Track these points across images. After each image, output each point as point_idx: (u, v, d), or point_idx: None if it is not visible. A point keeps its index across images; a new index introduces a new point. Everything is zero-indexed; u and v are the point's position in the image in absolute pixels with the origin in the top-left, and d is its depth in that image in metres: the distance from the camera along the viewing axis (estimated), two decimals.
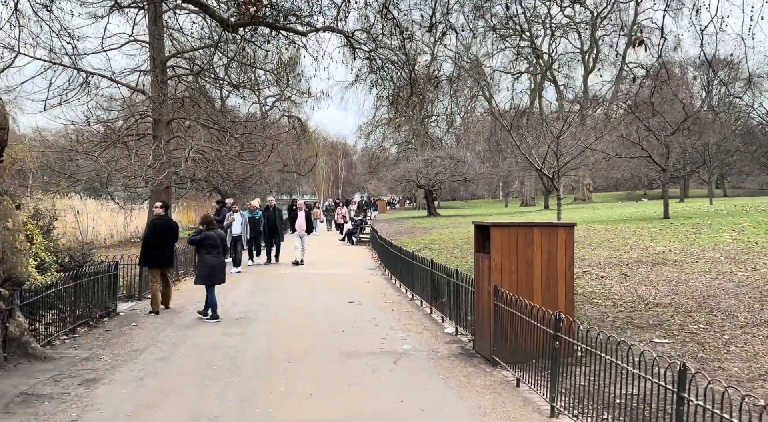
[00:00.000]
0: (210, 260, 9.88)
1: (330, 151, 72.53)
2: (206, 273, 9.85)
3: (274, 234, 16.36)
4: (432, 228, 28.19)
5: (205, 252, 9.97)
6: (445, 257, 16.87)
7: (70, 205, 29.61)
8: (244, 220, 14.79)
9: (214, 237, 10.02)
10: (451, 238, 21.14)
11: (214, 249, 9.96)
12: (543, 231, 7.08)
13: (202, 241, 10.00)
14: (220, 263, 10.02)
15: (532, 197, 58.14)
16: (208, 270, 9.85)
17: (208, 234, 10.03)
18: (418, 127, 60.08)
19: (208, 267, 9.85)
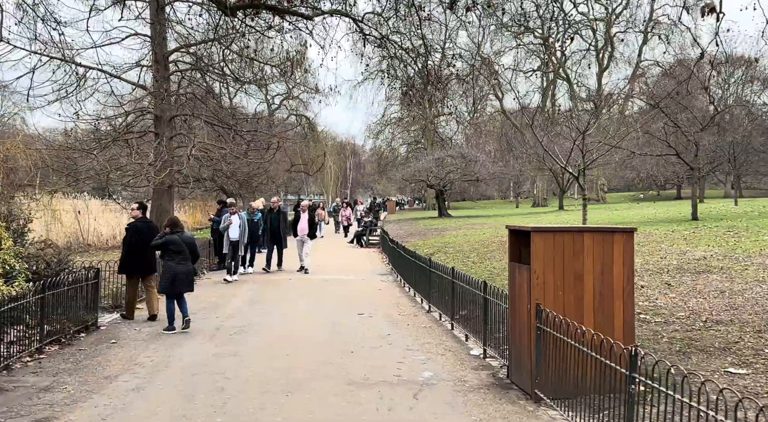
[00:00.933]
0: (173, 266, 8.86)
1: (338, 150, 71.35)
2: (169, 281, 8.84)
3: (276, 239, 14.82)
4: (444, 230, 26.89)
5: (168, 258, 8.95)
6: (461, 261, 15.59)
7: (72, 205, 28.67)
8: (243, 223, 13.36)
9: (177, 241, 8.96)
10: (466, 241, 19.83)
11: (178, 255, 8.93)
12: (596, 238, 5.78)
13: (165, 245, 8.98)
14: (185, 270, 8.97)
15: (544, 197, 56.69)
16: (171, 278, 8.82)
17: (171, 238, 8.98)
18: (428, 125, 58.79)
19: (171, 274, 8.83)
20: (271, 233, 14.77)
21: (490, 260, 15.18)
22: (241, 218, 13.44)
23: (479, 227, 26.65)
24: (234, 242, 13.22)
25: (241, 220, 13.37)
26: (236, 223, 13.24)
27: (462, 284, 8.39)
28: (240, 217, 13.47)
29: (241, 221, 13.34)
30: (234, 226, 13.19)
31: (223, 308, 10.42)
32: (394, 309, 10.46)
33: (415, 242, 21.48)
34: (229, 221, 13.21)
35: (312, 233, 14.68)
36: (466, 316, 8.27)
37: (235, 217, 13.35)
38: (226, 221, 13.23)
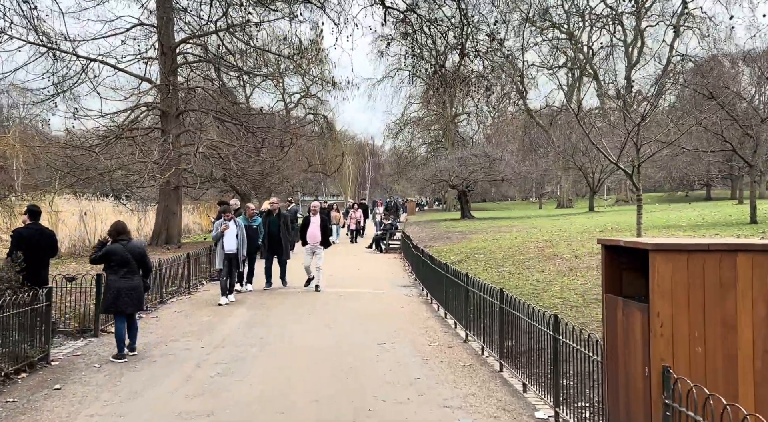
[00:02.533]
0: (115, 281, 7.23)
1: (357, 150, 69.39)
2: (111, 299, 7.20)
3: (276, 249, 12.17)
4: (470, 233, 24.67)
5: (111, 272, 7.27)
6: (495, 271, 13.42)
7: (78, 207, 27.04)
8: (240, 231, 10.76)
9: (121, 252, 7.25)
10: (497, 246, 17.63)
11: (121, 268, 7.24)
12: (757, 261, 3.60)
13: (106, 258, 7.27)
14: (130, 285, 7.27)
15: (569, 198, 54.06)
16: (114, 294, 7.19)
17: (112, 248, 7.26)
18: (448, 125, 56.58)
19: (113, 291, 7.20)
20: (269, 241, 12.11)
21: (529, 270, 12.99)
22: (239, 225, 10.78)
23: (507, 231, 24.39)
24: (230, 255, 10.60)
25: (239, 228, 10.73)
26: (232, 231, 10.59)
27: (519, 315, 6.24)
28: (237, 224, 10.80)
29: (238, 228, 10.70)
30: (230, 234, 10.55)
31: (212, 334, 8.40)
32: (423, 336, 8.35)
33: (439, 247, 19.34)
34: (223, 226, 10.57)
35: (326, 240, 12.13)
36: (522, 353, 6.13)
37: (231, 223, 10.69)
38: (219, 228, 10.61)
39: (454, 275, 8.92)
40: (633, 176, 13.40)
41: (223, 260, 10.60)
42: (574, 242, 16.59)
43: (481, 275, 13.15)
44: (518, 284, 11.41)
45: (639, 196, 13.67)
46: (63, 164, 20.73)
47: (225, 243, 10.60)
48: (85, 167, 20.31)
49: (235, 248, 10.69)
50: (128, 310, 7.26)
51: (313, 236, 12.02)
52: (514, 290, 10.89)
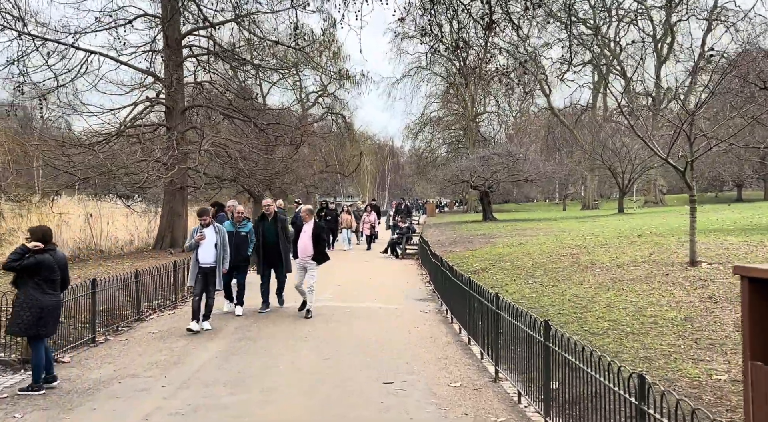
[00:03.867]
0: (41, 299, 5.75)
1: (376, 151, 67.71)
2: (33, 318, 5.70)
3: (273, 262, 9.88)
4: (493, 237, 22.80)
5: (34, 287, 5.73)
6: (524, 281, 11.59)
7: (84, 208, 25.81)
8: (221, 239, 8.59)
9: (51, 264, 5.80)
10: (524, 252, 15.76)
11: (48, 282, 5.77)
12: None
13: (36, 267, 5.72)
14: (55, 303, 5.86)
15: (594, 199, 51.66)
16: (37, 314, 5.71)
17: (42, 259, 5.75)
18: (469, 124, 54.63)
19: (36, 309, 5.71)
20: (264, 252, 9.80)
21: (565, 282, 11.13)
22: (219, 233, 8.62)
23: (533, 234, 22.47)
24: (206, 270, 8.46)
25: (219, 236, 8.58)
26: (210, 239, 8.49)
27: (578, 363, 4.42)
28: (217, 230, 8.64)
29: (218, 236, 8.56)
30: (207, 244, 8.45)
31: (181, 366, 6.75)
32: (441, 371, 6.59)
33: (460, 253, 17.54)
34: (198, 235, 8.44)
35: (319, 254, 9.55)
36: (575, 402, 4.35)
37: (209, 231, 8.56)
38: (194, 236, 8.50)
39: (481, 293, 7.13)
40: (686, 173, 11.44)
41: (196, 275, 8.48)
42: (612, 248, 14.65)
43: (509, 286, 11.35)
44: (554, 301, 9.57)
45: (693, 196, 11.71)
46: (62, 164, 19.43)
47: (200, 255, 8.46)
48: (83, 167, 18.94)
49: (212, 261, 8.49)
50: (50, 333, 5.87)
51: (303, 249, 9.54)
52: (550, 308, 9.07)
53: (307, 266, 9.57)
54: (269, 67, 21.54)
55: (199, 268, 8.53)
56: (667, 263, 11.82)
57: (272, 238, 9.83)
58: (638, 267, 11.73)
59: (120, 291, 9.31)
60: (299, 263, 9.67)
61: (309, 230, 9.62)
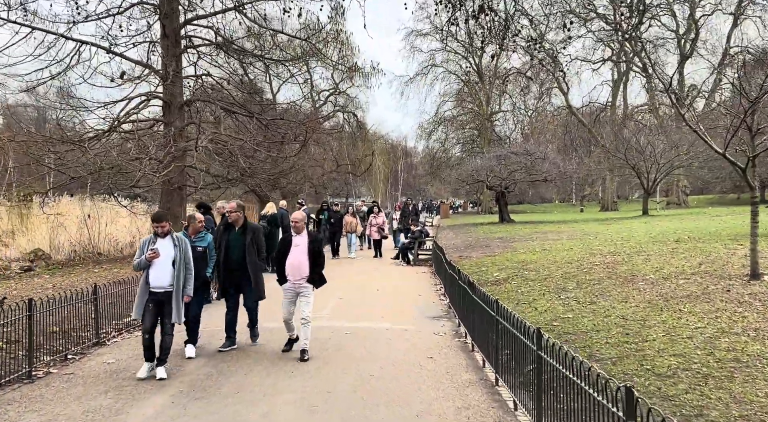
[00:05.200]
0: None
1: (388, 150, 65.97)
2: None
3: (240, 284, 7.45)
4: (512, 240, 21.00)
5: None
6: (555, 295, 9.82)
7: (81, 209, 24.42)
8: (181, 254, 6.27)
9: None
10: (551, 260, 13.95)
11: None
12: None
13: None
14: None
15: (614, 200, 49.47)
16: None
17: None
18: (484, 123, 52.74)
19: None
20: (227, 272, 7.38)
21: (604, 298, 9.34)
22: (180, 245, 6.30)
23: (555, 237, 20.64)
24: (159, 296, 6.17)
25: (179, 249, 6.27)
26: (166, 254, 6.19)
27: None
28: (177, 243, 6.29)
29: (178, 250, 6.25)
30: (162, 262, 6.17)
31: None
32: None
33: (478, 259, 15.79)
34: (150, 254, 6.12)
35: (316, 274, 7.13)
36: None
37: (166, 243, 6.24)
38: (145, 251, 6.18)
39: (515, 324, 5.38)
40: (747, 170, 9.59)
41: (146, 304, 6.10)
42: (652, 255, 12.81)
43: (538, 302, 9.60)
44: (597, 324, 7.80)
45: (755, 198, 9.85)
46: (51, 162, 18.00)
47: (151, 276, 6.14)
48: (73, 165, 17.47)
49: (167, 284, 6.13)
50: None
51: (296, 268, 6.99)
52: (594, 334, 7.31)
53: (301, 290, 7.09)
54: (273, 59, 19.88)
55: (149, 293, 6.14)
56: (723, 276, 9.99)
57: (238, 253, 7.33)
58: (689, 280, 9.92)
59: (82, 306, 7.70)
60: (289, 289, 7.10)
61: (304, 244, 7.07)
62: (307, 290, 7.13)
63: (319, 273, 7.19)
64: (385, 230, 18.39)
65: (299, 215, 7.31)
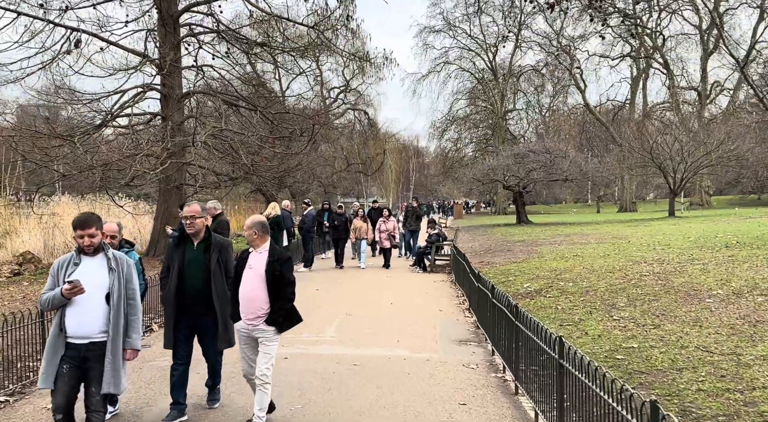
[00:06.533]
0: None
1: (400, 149, 64.18)
2: None
3: (200, 324, 4.95)
4: (534, 244, 19.19)
5: None
6: (606, 316, 8.03)
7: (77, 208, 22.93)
8: (120, 280, 3.84)
9: None
10: (587, 268, 12.13)
11: None
12: None
13: None
14: None
15: (632, 201, 47.34)
16: None
17: None
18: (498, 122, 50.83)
19: None
20: (180, 306, 4.87)
21: (669, 319, 7.54)
22: (119, 267, 3.85)
23: (583, 242, 18.80)
24: (83, 352, 3.74)
25: (116, 274, 3.82)
26: (97, 284, 3.76)
27: None
28: (114, 264, 3.84)
29: (113, 276, 3.81)
30: (89, 297, 3.72)
31: None
32: None
33: (503, 266, 14.00)
34: (67, 287, 3.63)
35: (280, 312, 4.62)
36: None
37: (95, 264, 3.82)
38: (60, 280, 3.74)
39: (604, 387, 3.60)
40: None
41: (60, 364, 3.73)
42: (709, 265, 10.95)
43: (587, 323, 7.82)
44: (674, 358, 6.01)
45: None
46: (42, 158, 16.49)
47: (68, 319, 3.74)
48: (61, 161, 15.94)
49: (96, 331, 3.77)
50: None
51: (247, 301, 4.64)
52: (675, 375, 5.52)
53: (258, 335, 4.65)
54: (278, 48, 18.21)
55: (66, 347, 3.74)
56: None
57: (198, 279, 4.87)
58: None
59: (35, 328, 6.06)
60: (243, 332, 4.72)
61: (260, 266, 4.62)
62: (266, 336, 4.64)
63: (285, 310, 4.65)
64: (396, 237, 15.68)
65: (253, 220, 4.74)
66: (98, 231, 3.87)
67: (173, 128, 16.89)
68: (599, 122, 46.48)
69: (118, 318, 3.84)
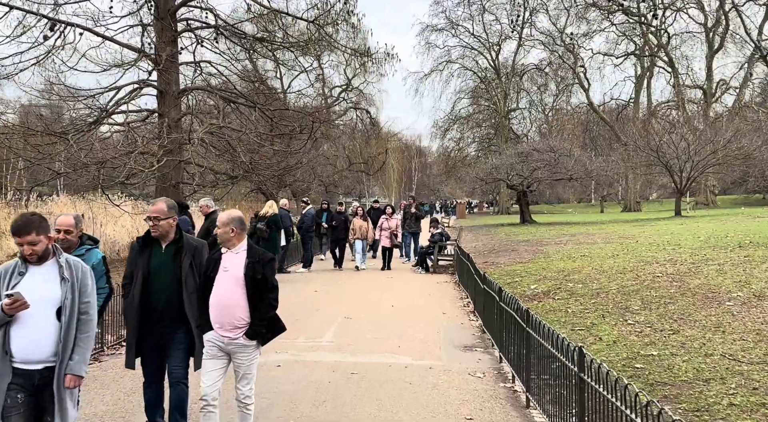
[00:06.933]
0: None
1: (402, 149, 63.68)
2: None
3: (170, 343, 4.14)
4: (539, 243, 18.69)
5: None
6: (620, 320, 7.54)
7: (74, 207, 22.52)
8: (73, 291, 3.22)
9: None
10: (596, 268, 11.62)
11: None
12: None
13: None
14: None
15: (637, 201, 46.74)
16: None
17: None
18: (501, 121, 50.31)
19: None
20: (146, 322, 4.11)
21: (689, 325, 7.04)
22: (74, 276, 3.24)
23: (589, 241, 18.29)
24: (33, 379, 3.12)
25: (69, 284, 3.21)
26: (45, 298, 3.15)
27: None
28: (68, 274, 3.22)
29: (66, 288, 3.20)
30: (35, 314, 3.10)
31: None
32: None
33: (508, 267, 13.50)
34: (6, 302, 3.01)
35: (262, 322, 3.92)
36: None
37: (43, 273, 3.21)
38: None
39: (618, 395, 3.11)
40: None
41: (8, 393, 3.06)
42: (725, 266, 10.44)
43: (600, 327, 7.32)
44: (699, 367, 5.51)
45: None
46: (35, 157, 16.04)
47: (14, 340, 3.10)
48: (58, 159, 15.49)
49: (47, 354, 3.14)
50: None
51: (222, 309, 3.91)
52: (704, 388, 5.02)
53: (236, 351, 3.96)
54: (278, 44, 17.70)
55: (13, 373, 3.12)
56: None
57: (165, 287, 4.11)
58: None
59: None
60: (214, 344, 3.97)
61: (236, 267, 3.95)
62: (247, 352, 3.93)
63: (267, 319, 3.94)
64: (398, 237, 14.51)
65: (230, 216, 4.04)
66: (41, 237, 3.17)
67: (170, 125, 16.44)
68: (603, 121, 45.93)
69: (69, 337, 3.20)
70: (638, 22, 42.91)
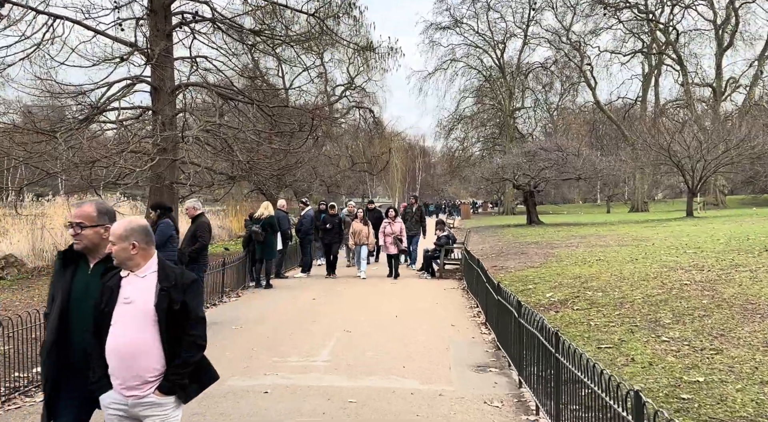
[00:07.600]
0: None
1: (406, 149, 62.80)
2: None
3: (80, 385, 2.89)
4: (549, 246, 17.81)
5: None
6: (652, 336, 6.69)
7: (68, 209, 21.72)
8: None
9: None
10: (616, 275, 10.73)
11: None
12: None
13: None
14: None
15: (644, 201, 45.75)
16: None
17: None
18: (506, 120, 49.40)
19: None
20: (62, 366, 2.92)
21: (734, 345, 6.18)
22: None
23: (601, 244, 17.40)
24: None
25: None
26: None
27: None
28: None
29: None
30: None
31: None
32: None
33: (518, 272, 12.63)
34: None
35: (181, 370, 2.77)
36: None
37: None
38: None
39: None
40: None
41: None
42: (759, 272, 9.55)
43: (630, 345, 6.46)
44: (757, 399, 4.64)
45: None
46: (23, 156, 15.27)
47: None
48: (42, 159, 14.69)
49: None
50: None
51: (123, 357, 2.74)
52: None
53: (145, 413, 2.76)
54: (277, 38, 16.86)
55: None
56: None
57: (90, 319, 2.86)
58: None
59: None
60: (115, 407, 2.78)
61: (144, 298, 2.77)
62: (160, 412, 2.78)
63: (192, 365, 2.83)
64: (404, 242, 13.21)
65: (128, 225, 2.86)
66: None
67: (164, 122, 15.64)
68: (610, 120, 44.98)
69: None
70: (646, 19, 41.93)
